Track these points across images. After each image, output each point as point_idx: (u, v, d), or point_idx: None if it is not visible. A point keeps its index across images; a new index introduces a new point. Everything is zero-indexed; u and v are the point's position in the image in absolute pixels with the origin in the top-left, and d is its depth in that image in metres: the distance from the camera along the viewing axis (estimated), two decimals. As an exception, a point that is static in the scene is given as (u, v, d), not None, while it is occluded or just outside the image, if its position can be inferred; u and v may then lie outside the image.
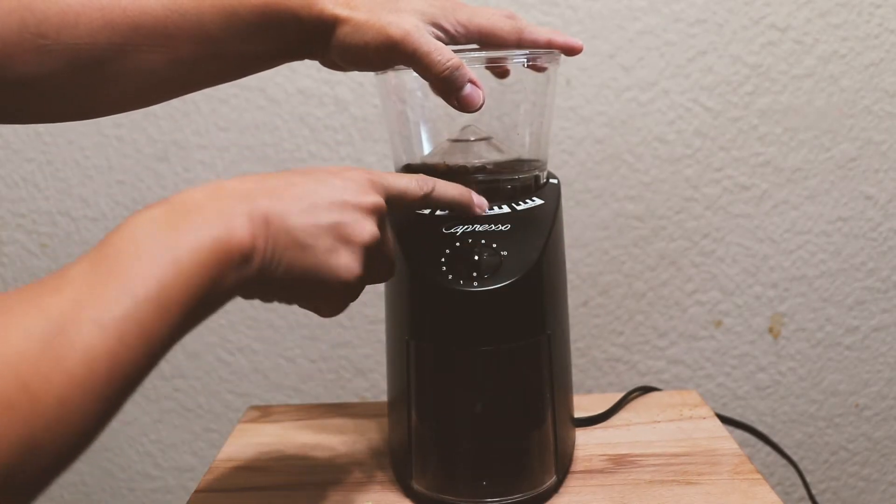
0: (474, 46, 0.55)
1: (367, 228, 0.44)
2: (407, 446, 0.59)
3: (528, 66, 0.56)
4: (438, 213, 0.56)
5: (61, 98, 0.49)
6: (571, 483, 0.62)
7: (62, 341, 0.30)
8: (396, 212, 0.50)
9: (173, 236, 0.34)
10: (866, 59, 0.93)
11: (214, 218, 0.36)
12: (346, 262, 0.44)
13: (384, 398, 0.69)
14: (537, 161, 0.61)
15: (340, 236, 0.43)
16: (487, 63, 0.56)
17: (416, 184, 0.48)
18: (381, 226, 0.46)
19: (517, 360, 0.57)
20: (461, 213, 0.53)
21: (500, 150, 0.60)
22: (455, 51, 0.50)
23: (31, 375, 0.29)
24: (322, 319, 0.98)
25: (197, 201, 0.37)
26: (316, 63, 0.91)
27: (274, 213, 0.39)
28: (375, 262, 0.47)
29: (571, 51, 0.55)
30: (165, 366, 1.01)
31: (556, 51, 0.55)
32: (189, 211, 0.36)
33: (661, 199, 0.95)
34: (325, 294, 0.45)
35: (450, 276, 0.54)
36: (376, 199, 0.45)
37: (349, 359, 1.00)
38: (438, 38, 0.50)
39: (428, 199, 0.49)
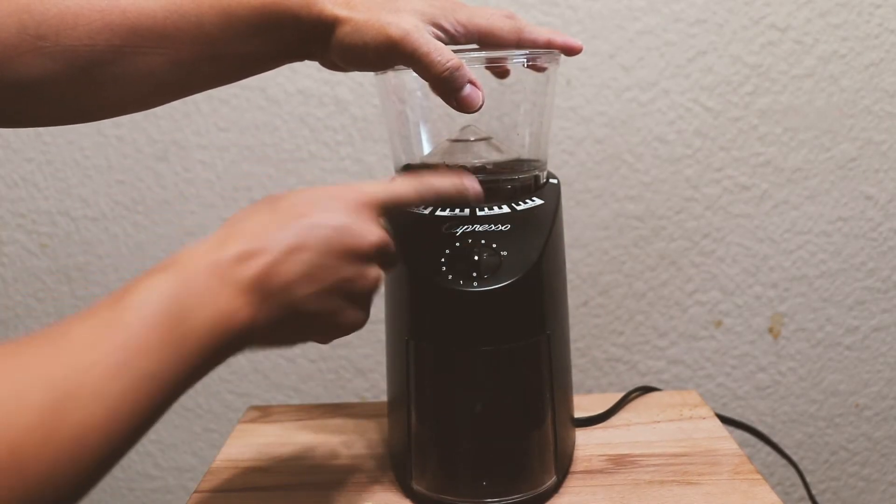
0: (474, 47, 0.54)
1: (372, 276, 0.44)
2: (407, 446, 0.59)
3: (528, 66, 0.56)
4: (439, 212, 0.56)
5: (61, 100, 0.49)
6: (571, 483, 0.62)
7: (59, 413, 0.30)
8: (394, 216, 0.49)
9: (177, 318, 0.35)
10: (866, 59, 0.93)
11: (215, 301, 0.37)
12: (354, 318, 0.45)
13: (384, 398, 0.69)
14: (537, 161, 0.61)
15: (347, 294, 0.43)
16: (487, 63, 0.56)
17: (408, 187, 0.48)
18: (383, 257, 0.46)
19: (517, 361, 0.57)
20: (460, 203, 0.53)
21: (499, 150, 0.60)
22: (455, 51, 0.50)
23: (24, 444, 0.29)
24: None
25: (199, 278, 0.37)
26: (316, 63, 0.91)
27: (276, 288, 0.40)
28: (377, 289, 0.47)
29: (571, 51, 0.55)
30: (165, 366, 1.01)
31: (556, 51, 0.55)
32: (191, 292, 0.37)
33: (662, 199, 0.95)
34: (330, 338, 0.46)
35: (450, 276, 0.54)
36: (376, 234, 0.44)
37: (349, 359, 1.00)
38: (438, 38, 0.50)
39: (424, 199, 0.49)
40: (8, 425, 0.29)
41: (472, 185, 0.51)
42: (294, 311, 0.41)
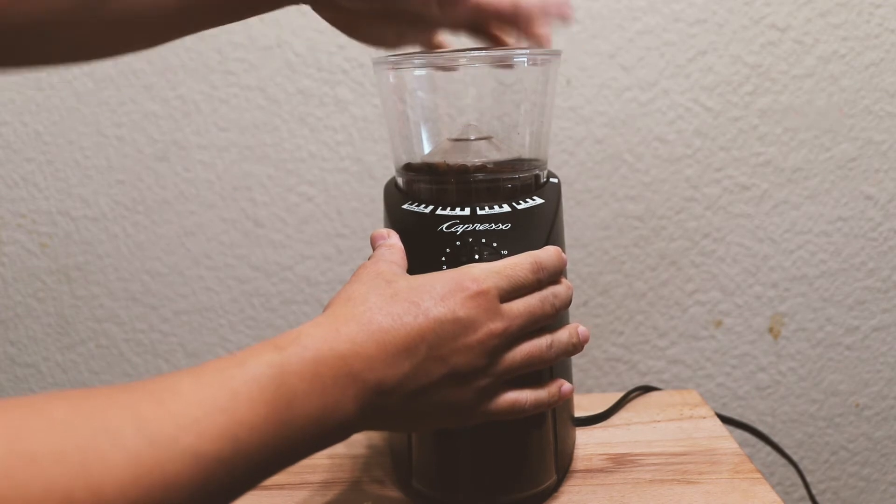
0: (475, 46, 0.54)
1: (504, 362, 0.44)
2: (407, 445, 0.59)
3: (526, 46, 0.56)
4: (439, 211, 0.56)
5: (69, 39, 0.48)
6: (571, 483, 0.62)
7: (149, 460, 0.29)
8: None
9: (284, 400, 0.36)
10: (866, 59, 0.93)
11: (323, 394, 0.37)
12: (494, 406, 0.44)
13: (384, 398, 0.69)
14: (537, 160, 0.61)
15: (475, 386, 0.43)
16: (488, 62, 0.56)
17: (525, 265, 0.46)
18: (516, 336, 0.45)
19: (517, 360, 0.57)
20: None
21: (500, 150, 0.60)
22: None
23: (106, 483, 0.28)
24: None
25: (310, 367, 0.37)
26: (316, 63, 0.92)
27: (387, 387, 0.39)
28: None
29: (564, 16, 0.55)
30: (165, 366, 1.01)
31: (558, 50, 0.55)
32: (302, 377, 0.37)
33: (662, 199, 0.95)
34: (470, 422, 0.45)
35: (450, 276, 0.54)
36: (498, 324, 0.43)
37: (349, 359, 1.00)
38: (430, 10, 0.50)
39: (541, 283, 0.47)
40: (95, 460, 0.28)
41: (565, 259, 0.50)
42: (405, 407, 0.41)
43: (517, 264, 0.46)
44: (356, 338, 0.39)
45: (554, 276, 0.47)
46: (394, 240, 0.51)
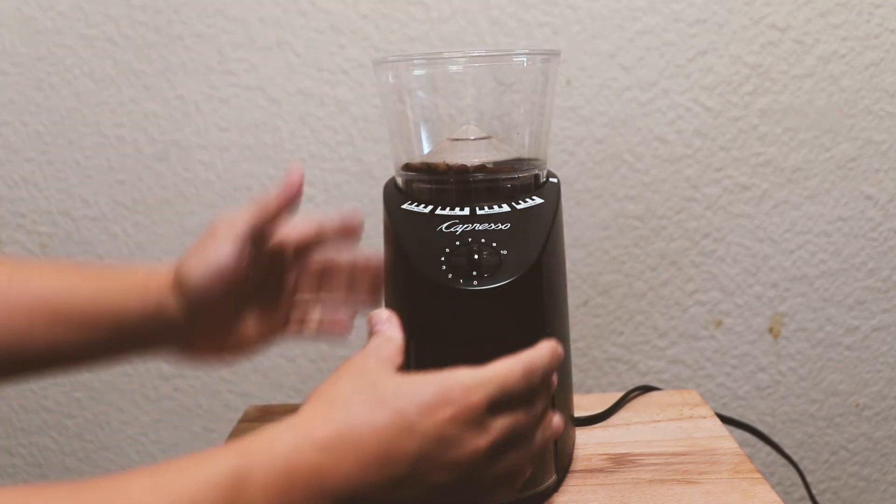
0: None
1: (491, 474, 0.41)
2: (407, 445, 0.59)
3: None
4: (438, 211, 0.56)
5: None
6: (571, 482, 0.62)
7: None
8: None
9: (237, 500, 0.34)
10: (866, 59, 0.93)
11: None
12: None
13: (384, 398, 0.69)
14: (537, 160, 0.61)
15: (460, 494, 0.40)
16: (488, 63, 0.56)
17: (515, 373, 0.42)
18: (507, 447, 0.42)
19: (517, 360, 0.57)
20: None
21: (499, 150, 0.60)
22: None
23: None
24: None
25: (268, 493, 0.35)
26: (316, 63, 0.92)
27: (346, 498, 0.37)
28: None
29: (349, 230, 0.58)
30: (165, 366, 1.01)
31: (558, 50, 0.55)
32: (256, 484, 0.35)
33: (662, 199, 0.95)
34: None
35: (449, 275, 0.54)
36: (483, 439, 0.40)
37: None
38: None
39: (531, 383, 0.43)
40: None
41: (559, 348, 0.47)
42: None
43: (509, 371, 0.42)
44: (333, 447, 0.36)
45: (546, 377, 0.44)
46: (393, 332, 0.47)
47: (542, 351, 0.44)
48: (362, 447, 0.36)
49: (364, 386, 0.39)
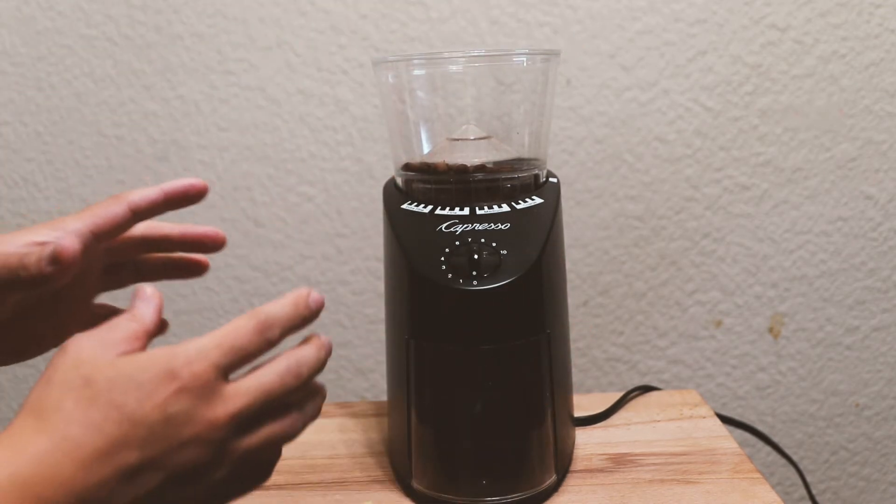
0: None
1: (235, 450, 0.37)
2: (407, 445, 0.59)
3: None
4: (438, 211, 0.56)
5: None
6: (571, 482, 0.62)
7: None
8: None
9: None
10: (866, 59, 0.93)
11: None
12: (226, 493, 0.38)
13: (384, 398, 0.69)
14: (536, 160, 0.61)
15: (211, 483, 0.37)
16: (488, 63, 0.56)
17: (245, 330, 0.38)
18: (257, 418, 0.38)
19: (517, 360, 0.57)
20: (304, 323, 0.43)
21: (499, 149, 0.60)
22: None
23: None
24: (322, 320, 0.98)
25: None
26: (316, 63, 0.92)
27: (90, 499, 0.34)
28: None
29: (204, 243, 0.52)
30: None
31: (558, 50, 0.55)
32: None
33: (662, 198, 0.95)
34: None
35: (449, 275, 0.54)
36: (225, 408, 0.36)
37: (349, 359, 1.00)
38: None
39: (268, 338, 0.39)
40: None
41: (313, 295, 0.43)
42: None
43: (237, 329, 0.38)
44: (46, 457, 0.33)
45: (289, 329, 0.40)
46: (143, 310, 0.40)
47: (282, 301, 0.40)
48: (82, 449, 0.33)
49: (76, 384, 0.35)
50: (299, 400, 0.40)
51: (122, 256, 0.51)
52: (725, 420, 0.73)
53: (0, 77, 0.94)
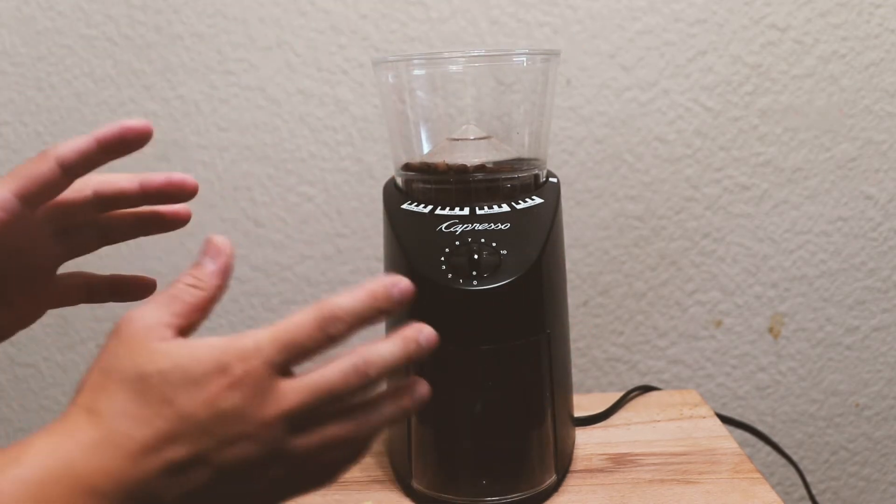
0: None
1: (293, 450, 0.35)
2: (407, 445, 0.59)
3: None
4: (438, 211, 0.56)
5: None
6: (571, 482, 0.62)
7: None
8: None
9: None
10: (866, 59, 0.93)
11: None
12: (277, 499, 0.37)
13: (384, 397, 0.69)
14: (536, 160, 0.61)
15: (265, 482, 0.35)
16: (488, 63, 0.56)
17: (307, 322, 0.36)
18: (312, 416, 0.36)
19: (517, 360, 0.57)
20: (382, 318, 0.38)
21: (499, 149, 0.60)
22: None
23: None
24: (322, 319, 0.98)
25: (46, 482, 0.32)
26: (316, 63, 0.92)
27: (137, 495, 0.33)
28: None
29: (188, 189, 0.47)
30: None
31: (558, 50, 0.55)
32: (34, 497, 0.31)
33: (662, 198, 0.95)
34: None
35: (449, 275, 0.54)
36: (276, 407, 0.35)
37: (349, 359, 1.00)
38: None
39: (329, 334, 0.36)
40: None
41: (400, 286, 0.38)
42: None
43: (297, 323, 0.36)
44: (97, 449, 0.33)
45: (360, 324, 0.37)
46: (206, 271, 0.39)
47: (355, 293, 0.37)
48: (132, 441, 0.33)
49: (130, 377, 0.34)
50: (372, 401, 0.37)
51: (78, 219, 0.46)
52: (725, 420, 0.73)
53: (0, 77, 0.94)
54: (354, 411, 0.37)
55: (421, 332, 0.38)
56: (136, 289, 0.51)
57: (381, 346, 0.37)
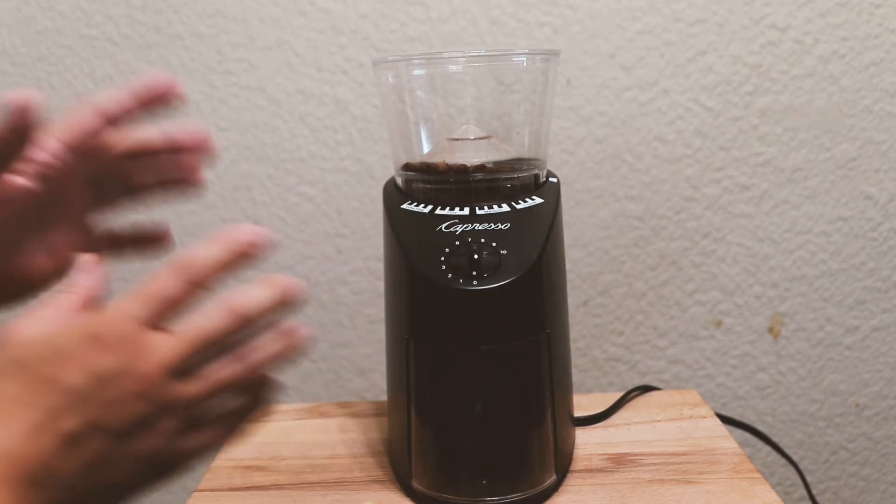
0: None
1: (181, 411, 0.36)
2: (407, 445, 0.59)
3: None
4: (438, 211, 0.56)
5: None
6: (571, 482, 0.62)
7: None
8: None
9: None
10: (866, 59, 0.93)
11: None
12: (182, 460, 0.37)
13: (384, 398, 0.69)
14: (536, 160, 0.61)
15: (151, 452, 0.36)
16: (488, 63, 0.56)
17: (173, 282, 0.37)
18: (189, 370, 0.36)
19: (517, 360, 0.57)
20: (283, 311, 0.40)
21: (499, 149, 0.60)
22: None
23: None
24: (322, 319, 0.98)
25: None
26: (316, 63, 0.92)
27: (50, 496, 0.33)
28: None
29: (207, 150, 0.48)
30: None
31: (558, 50, 0.55)
32: None
33: (662, 198, 0.95)
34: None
35: (449, 275, 0.54)
36: (159, 356, 0.35)
37: (349, 359, 1.00)
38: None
39: (198, 285, 0.37)
40: None
41: (250, 236, 0.39)
42: (81, 488, 0.34)
43: (157, 277, 0.37)
44: None
45: (220, 269, 0.38)
46: (79, 279, 0.39)
47: (208, 243, 0.38)
48: (22, 423, 0.33)
49: (8, 366, 0.35)
50: (253, 343, 0.38)
51: (108, 171, 0.47)
52: (725, 420, 0.73)
53: (0, 77, 0.94)
54: (236, 352, 0.37)
55: (288, 279, 0.40)
56: (156, 241, 0.53)
57: (249, 289, 0.38)
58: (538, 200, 0.57)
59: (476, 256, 0.53)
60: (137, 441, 0.35)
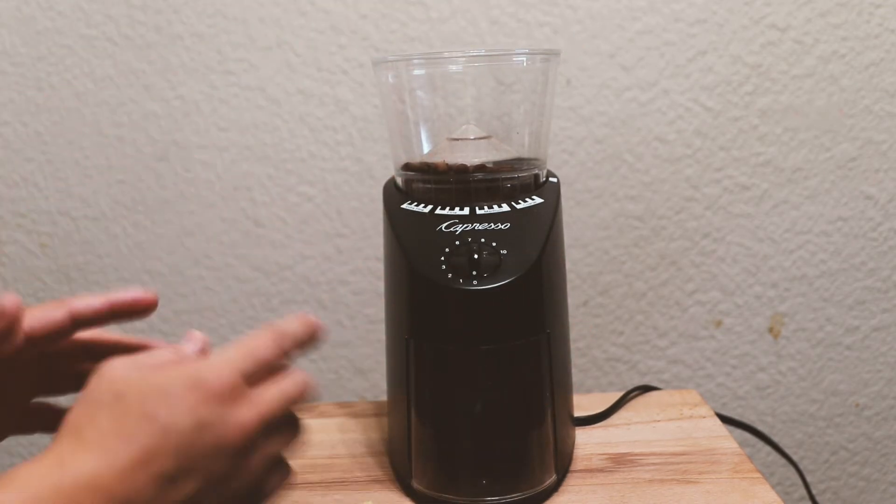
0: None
1: (257, 464, 0.38)
2: (407, 445, 0.59)
3: None
4: (438, 210, 0.56)
5: None
6: (571, 482, 0.62)
7: None
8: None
9: None
10: (866, 59, 0.93)
11: None
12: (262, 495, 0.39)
13: (384, 398, 0.69)
14: (536, 160, 0.61)
15: (228, 494, 0.37)
16: (488, 63, 0.56)
17: (267, 343, 0.40)
18: (273, 431, 0.39)
19: (517, 360, 0.57)
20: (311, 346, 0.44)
21: (499, 149, 0.60)
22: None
23: None
24: (322, 319, 0.98)
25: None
26: (316, 63, 0.92)
27: None
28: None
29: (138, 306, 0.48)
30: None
31: (558, 50, 0.55)
32: None
33: (662, 198, 0.95)
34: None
35: (449, 275, 0.54)
36: (247, 417, 0.37)
37: (349, 359, 1.00)
38: None
39: (284, 350, 0.41)
40: None
41: (317, 322, 0.44)
42: None
43: (257, 339, 0.40)
44: (85, 469, 0.34)
45: (300, 343, 0.42)
46: (184, 349, 0.42)
47: (289, 319, 0.42)
48: (119, 459, 0.34)
49: (108, 400, 0.36)
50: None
51: (57, 362, 0.48)
52: (725, 420, 0.73)
53: (0, 77, 0.94)
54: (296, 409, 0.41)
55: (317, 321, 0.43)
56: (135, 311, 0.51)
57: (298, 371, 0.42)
58: (538, 200, 0.57)
59: (476, 256, 0.53)
60: (224, 489, 0.37)
